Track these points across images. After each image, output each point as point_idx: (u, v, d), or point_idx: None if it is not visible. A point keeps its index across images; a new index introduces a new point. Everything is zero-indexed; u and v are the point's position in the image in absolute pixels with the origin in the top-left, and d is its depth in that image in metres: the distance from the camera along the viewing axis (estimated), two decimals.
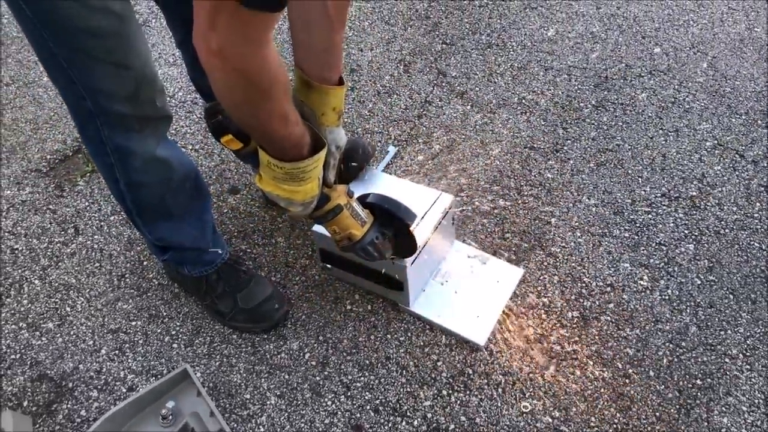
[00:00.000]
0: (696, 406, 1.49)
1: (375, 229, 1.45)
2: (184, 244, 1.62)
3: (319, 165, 1.24)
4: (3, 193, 2.10)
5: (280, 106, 1.10)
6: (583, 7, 2.70)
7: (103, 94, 1.28)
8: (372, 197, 1.46)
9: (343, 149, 1.38)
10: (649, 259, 1.78)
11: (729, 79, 2.32)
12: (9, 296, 1.81)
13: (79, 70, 1.24)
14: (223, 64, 0.99)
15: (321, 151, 1.22)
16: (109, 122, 1.33)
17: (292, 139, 1.16)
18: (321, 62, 1.27)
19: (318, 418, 1.52)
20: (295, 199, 1.26)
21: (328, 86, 1.28)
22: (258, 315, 1.67)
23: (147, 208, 1.53)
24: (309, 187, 1.25)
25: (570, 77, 2.37)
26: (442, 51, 2.53)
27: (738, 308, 1.66)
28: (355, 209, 1.42)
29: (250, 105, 1.07)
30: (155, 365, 1.64)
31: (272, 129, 1.13)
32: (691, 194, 1.94)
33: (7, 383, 1.62)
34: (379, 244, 1.45)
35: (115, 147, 1.37)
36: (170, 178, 1.48)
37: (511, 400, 1.52)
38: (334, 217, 1.39)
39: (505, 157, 2.09)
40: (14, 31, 2.77)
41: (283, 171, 1.19)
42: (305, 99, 1.29)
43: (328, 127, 1.32)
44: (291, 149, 1.17)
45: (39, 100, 2.44)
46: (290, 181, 1.22)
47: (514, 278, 1.73)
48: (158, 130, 1.42)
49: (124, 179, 1.44)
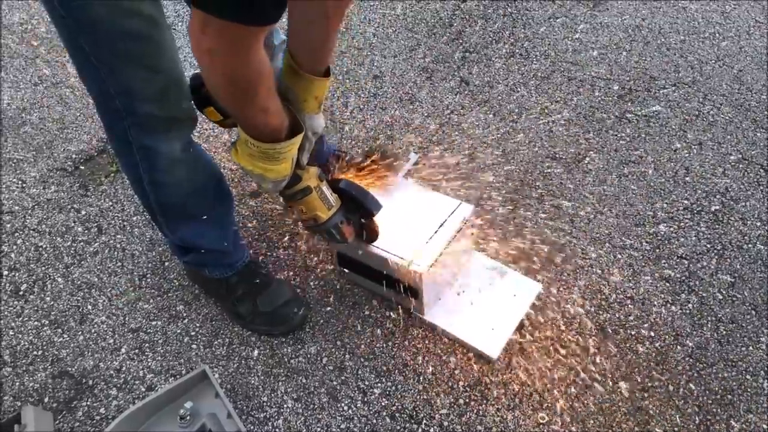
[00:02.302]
0: (716, 423, 1.47)
1: (341, 214, 1.50)
2: (205, 245, 1.63)
3: (294, 148, 1.29)
4: (29, 191, 2.14)
5: (260, 101, 1.16)
6: (607, 18, 2.69)
7: (132, 94, 1.31)
8: (343, 183, 1.52)
9: (320, 134, 1.43)
10: (670, 272, 1.77)
11: (755, 93, 2.29)
12: (32, 293, 1.84)
13: (110, 71, 1.27)
14: (211, 64, 1.07)
15: (297, 135, 1.27)
16: (136, 122, 1.35)
17: (269, 126, 1.22)
18: (313, 55, 1.32)
19: (334, 423, 1.52)
20: (267, 176, 1.31)
21: (314, 76, 1.32)
22: (276, 319, 1.68)
23: (170, 208, 1.55)
24: (282, 167, 1.30)
25: (593, 88, 2.37)
26: (465, 59, 2.54)
27: (760, 324, 1.64)
28: (324, 192, 1.46)
29: (233, 98, 1.15)
30: (174, 365, 1.65)
31: (251, 117, 1.20)
32: (714, 208, 1.92)
33: (28, 379, 1.65)
34: (343, 228, 1.51)
35: (140, 146, 1.40)
36: (194, 179, 1.50)
37: (528, 411, 1.51)
38: (302, 198, 1.44)
39: (527, 166, 2.09)
40: (43, 31, 2.81)
41: (259, 150, 1.24)
42: (291, 84, 1.33)
43: (308, 113, 1.36)
44: (269, 134, 1.23)
45: (66, 100, 2.47)
46: (265, 160, 1.27)
47: (532, 292, 1.72)
48: (183, 132, 1.44)
49: (148, 178, 1.47)
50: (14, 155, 2.25)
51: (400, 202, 1.67)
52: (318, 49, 1.31)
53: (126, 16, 1.20)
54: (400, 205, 1.68)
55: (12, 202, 2.09)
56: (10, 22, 2.88)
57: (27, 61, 2.66)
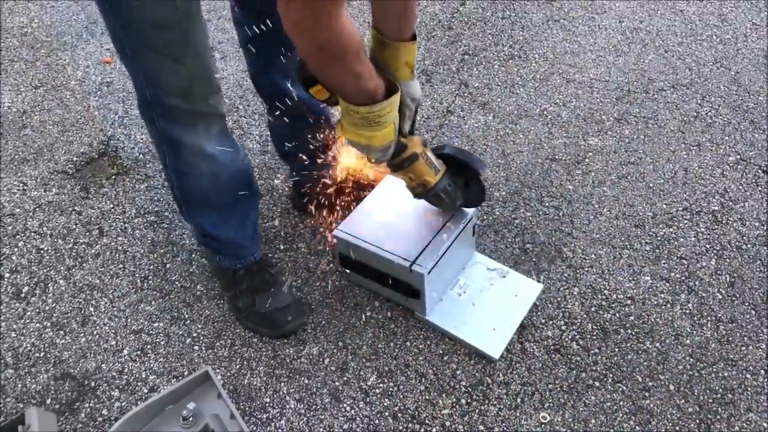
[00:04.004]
0: (716, 422, 1.48)
1: (447, 178, 1.53)
2: (222, 237, 1.65)
3: (393, 110, 1.30)
4: (30, 193, 2.14)
5: (351, 67, 1.19)
6: (605, 21, 2.70)
7: (157, 85, 1.35)
8: (447, 149, 1.54)
9: (419, 101, 1.45)
10: (670, 272, 1.78)
11: (752, 95, 2.31)
12: (34, 295, 1.84)
13: (142, 60, 1.32)
14: (299, 34, 1.11)
15: (394, 95, 1.28)
16: (163, 113, 1.39)
17: (365, 90, 1.24)
18: (396, 24, 1.34)
19: (337, 423, 1.53)
20: (373, 144, 1.33)
21: (399, 42, 1.35)
22: (269, 321, 1.69)
23: (192, 198, 1.59)
24: (386, 132, 1.32)
25: (592, 90, 2.38)
26: (465, 62, 2.55)
27: (760, 324, 1.65)
28: (429, 158, 1.49)
29: (324, 66, 1.20)
30: (176, 366, 1.66)
31: (346, 84, 1.23)
32: (713, 209, 1.93)
33: (30, 381, 1.65)
34: (450, 191, 1.53)
35: (167, 136, 1.44)
36: (218, 174, 1.52)
37: (530, 411, 1.52)
38: (410, 165, 1.46)
39: (527, 168, 2.10)
40: (43, 35, 2.82)
41: (359, 116, 1.27)
42: (380, 57, 1.36)
43: (403, 80, 1.38)
44: (366, 98, 1.25)
45: (66, 103, 2.48)
46: (368, 126, 1.29)
47: (533, 293, 1.73)
48: (210, 127, 1.46)
49: (172, 167, 1.51)
50: (15, 158, 2.26)
51: (402, 203, 1.68)
52: (399, 15, 1.34)
53: (158, 4, 1.23)
54: (402, 206, 1.69)
55: (13, 204, 2.10)
56: (10, 25, 2.89)
57: (27, 64, 2.66)
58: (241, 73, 2.53)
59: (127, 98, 2.46)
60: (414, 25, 1.37)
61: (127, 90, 2.49)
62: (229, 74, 2.54)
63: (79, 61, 2.66)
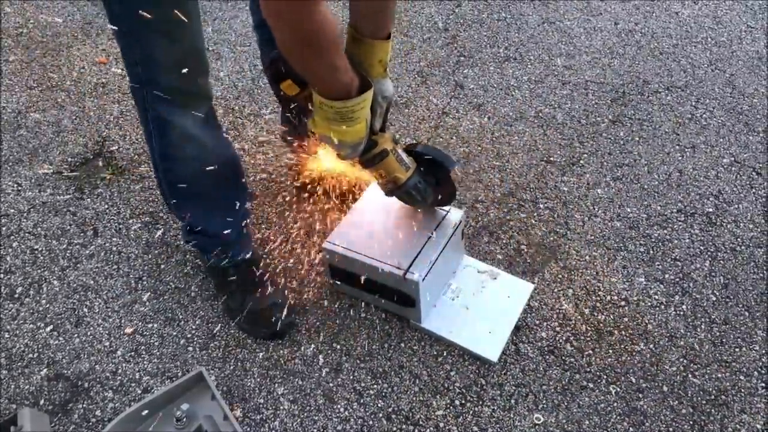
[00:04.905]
0: (710, 423, 1.48)
1: (418, 175, 1.53)
2: (209, 229, 1.65)
3: (366, 106, 1.31)
4: (24, 194, 2.13)
5: (329, 59, 1.20)
6: (601, 23, 2.71)
7: (150, 63, 1.35)
8: (419, 147, 1.55)
9: (390, 99, 1.46)
10: (664, 274, 1.78)
11: (747, 97, 2.32)
12: (28, 296, 1.84)
13: (136, 37, 1.32)
14: (279, 24, 1.12)
15: (368, 91, 1.29)
16: (152, 92, 1.40)
17: (340, 83, 1.25)
18: (373, 23, 1.36)
19: (331, 425, 1.53)
20: (345, 140, 1.34)
21: (374, 40, 1.36)
22: (258, 320, 1.69)
23: (178, 184, 1.57)
24: (358, 128, 1.33)
25: (587, 92, 2.38)
26: (460, 63, 2.55)
27: (753, 325, 1.66)
28: (400, 155, 1.49)
29: (302, 57, 1.20)
30: (170, 368, 1.66)
31: (323, 75, 1.24)
32: (708, 210, 1.94)
33: (24, 381, 1.64)
34: (421, 188, 1.53)
35: (155, 116, 1.44)
36: (205, 159, 1.52)
37: (524, 412, 1.52)
38: (380, 161, 1.46)
39: (521, 169, 2.10)
40: (39, 35, 2.81)
41: (333, 110, 1.27)
42: (354, 53, 1.36)
43: (375, 78, 1.39)
44: (340, 91, 1.26)
45: (61, 103, 2.47)
46: (340, 121, 1.29)
47: (525, 293, 1.73)
48: (198, 109, 1.47)
49: (159, 149, 1.51)
50: (10, 158, 2.25)
51: (390, 211, 1.68)
52: (377, 16, 1.35)
53: None
54: (389, 214, 1.69)
55: (7, 205, 2.09)
56: (5, 25, 2.88)
57: (22, 65, 2.66)
58: (236, 74, 2.53)
59: (122, 99, 2.45)
60: (391, 25, 1.39)
61: (123, 91, 2.48)
62: (224, 75, 2.53)
63: (75, 62, 2.65)
